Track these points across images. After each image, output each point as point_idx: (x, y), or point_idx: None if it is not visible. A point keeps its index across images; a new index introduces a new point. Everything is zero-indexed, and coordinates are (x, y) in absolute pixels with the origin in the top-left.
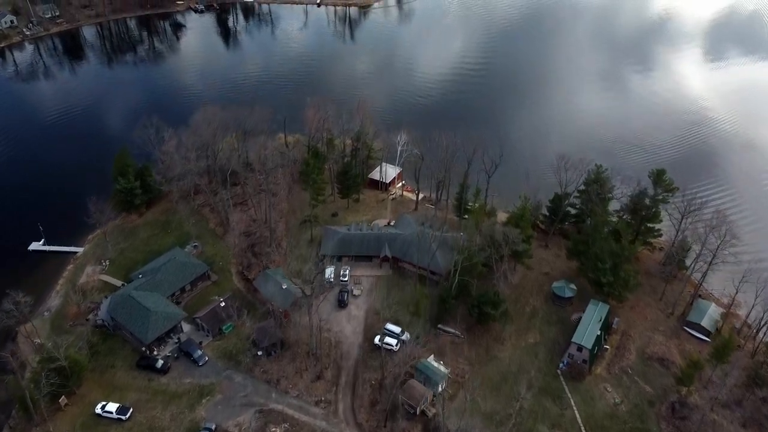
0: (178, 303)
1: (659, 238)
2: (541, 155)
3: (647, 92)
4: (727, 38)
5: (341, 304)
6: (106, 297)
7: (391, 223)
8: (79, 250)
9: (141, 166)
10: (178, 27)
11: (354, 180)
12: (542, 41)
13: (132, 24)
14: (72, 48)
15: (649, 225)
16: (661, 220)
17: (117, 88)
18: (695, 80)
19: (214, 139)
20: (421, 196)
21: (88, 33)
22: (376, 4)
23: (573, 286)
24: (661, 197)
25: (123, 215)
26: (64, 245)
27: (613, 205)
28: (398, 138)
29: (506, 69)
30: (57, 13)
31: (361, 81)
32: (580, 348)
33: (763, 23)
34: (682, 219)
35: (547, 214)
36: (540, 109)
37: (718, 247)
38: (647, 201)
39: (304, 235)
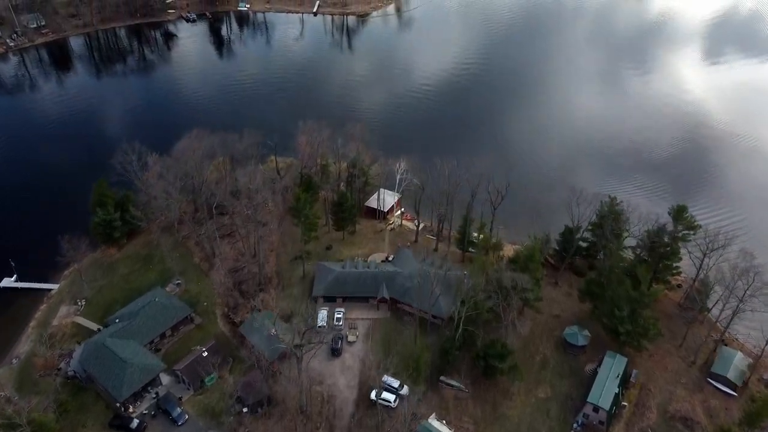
0: (157, 350)
1: (678, 276)
2: (549, 174)
3: (665, 105)
4: (741, 40)
5: (335, 352)
6: (80, 343)
7: (390, 258)
8: (54, 287)
9: (121, 195)
10: (169, 37)
11: (350, 212)
12: (545, 47)
13: (122, 34)
14: (58, 59)
15: (667, 263)
16: (680, 258)
17: (101, 104)
18: (719, 89)
19: (200, 165)
20: (421, 225)
21: (76, 44)
22: (374, 13)
23: (586, 332)
24: (681, 235)
25: (102, 248)
26: (38, 282)
27: (629, 242)
28: (397, 165)
29: (509, 78)
30: (43, 23)
31: (358, 94)
32: (596, 409)
33: None
34: (703, 257)
35: (557, 248)
36: (544, 120)
37: (745, 293)
38: (666, 238)
39: (296, 271)
